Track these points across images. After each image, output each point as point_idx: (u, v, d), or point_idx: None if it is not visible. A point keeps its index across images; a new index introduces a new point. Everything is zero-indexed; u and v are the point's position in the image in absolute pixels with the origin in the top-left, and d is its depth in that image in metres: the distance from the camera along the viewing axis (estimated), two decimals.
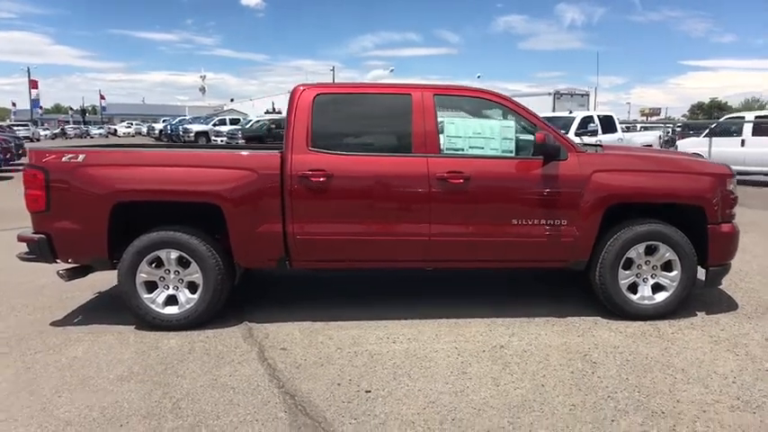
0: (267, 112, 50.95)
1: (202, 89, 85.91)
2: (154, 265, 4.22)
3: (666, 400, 3.12)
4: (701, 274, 4.41)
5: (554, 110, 21.13)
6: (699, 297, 4.75)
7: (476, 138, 4.27)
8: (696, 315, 4.44)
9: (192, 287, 4.27)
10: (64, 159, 4.14)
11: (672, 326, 4.22)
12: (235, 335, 4.16)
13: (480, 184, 4.19)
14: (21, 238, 4.28)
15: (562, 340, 3.98)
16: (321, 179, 4.13)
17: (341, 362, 3.67)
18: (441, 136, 4.24)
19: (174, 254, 4.19)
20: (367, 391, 3.26)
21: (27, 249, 4.29)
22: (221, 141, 26.85)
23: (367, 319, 4.38)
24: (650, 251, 4.29)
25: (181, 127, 34.09)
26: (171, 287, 4.27)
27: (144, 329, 4.22)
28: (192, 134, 31.51)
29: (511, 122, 4.31)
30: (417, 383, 3.35)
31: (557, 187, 4.19)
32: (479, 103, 4.46)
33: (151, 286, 4.26)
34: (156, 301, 4.24)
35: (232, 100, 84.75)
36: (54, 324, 4.42)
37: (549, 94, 23.97)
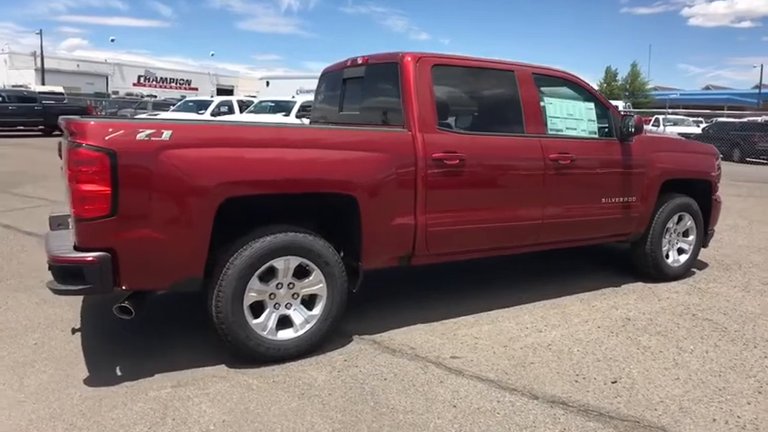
0: None
1: None
2: (263, 279, 3.19)
3: None
4: None
5: None
6: None
7: (570, 119, 4.32)
8: (696, 273, 5.33)
9: (307, 302, 3.36)
10: (139, 137, 2.79)
11: (699, 282, 5.01)
12: (369, 352, 3.44)
13: (581, 165, 4.27)
14: (58, 260, 2.76)
15: (657, 306, 4.38)
16: (456, 161, 3.67)
17: (532, 359, 3.38)
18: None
19: (295, 262, 3.23)
20: (613, 382, 3.11)
21: (59, 277, 2.80)
22: None
23: (470, 313, 4.06)
24: (678, 220, 5.00)
25: None
26: (283, 305, 3.28)
27: (243, 366, 3.18)
28: None
29: (591, 104, 4.48)
30: (632, 365, 3.33)
31: (631, 166, 4.54)
32: (563, 83, 4.50)
33: (256, 308, 3.21)
34: (267, 327, 3.22)
35: None
36: (90, 384, 2.98)
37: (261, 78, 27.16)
